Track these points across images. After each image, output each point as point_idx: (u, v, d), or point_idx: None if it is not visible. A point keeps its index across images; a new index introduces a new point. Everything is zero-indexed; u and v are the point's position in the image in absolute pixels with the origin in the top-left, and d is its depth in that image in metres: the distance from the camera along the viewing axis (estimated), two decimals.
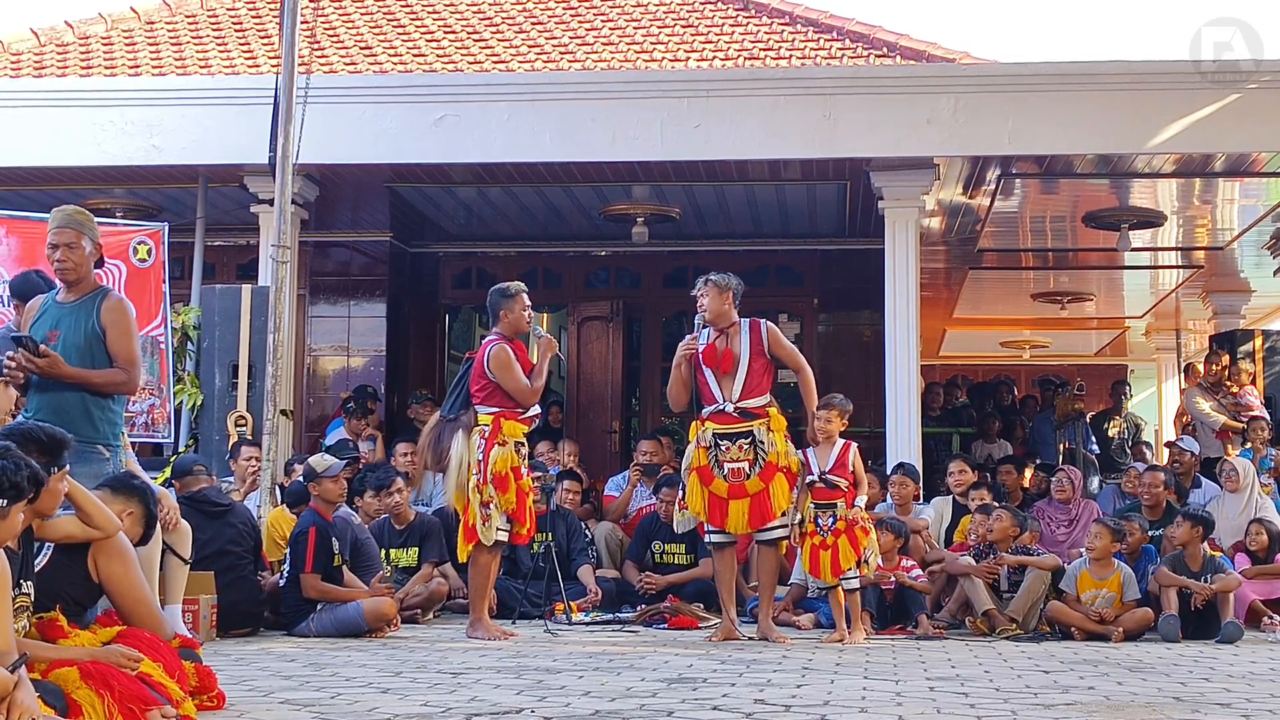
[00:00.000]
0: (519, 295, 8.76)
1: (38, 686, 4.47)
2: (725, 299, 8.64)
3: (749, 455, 8.42)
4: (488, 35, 14.97)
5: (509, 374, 8.50)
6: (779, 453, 8.41)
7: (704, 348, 8.58)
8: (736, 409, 8.48)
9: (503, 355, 8.56)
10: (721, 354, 8.53)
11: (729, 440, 8.46)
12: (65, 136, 11.76)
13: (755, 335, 8.58)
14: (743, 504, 8.43)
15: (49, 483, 4.99)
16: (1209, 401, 14.01)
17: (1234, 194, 12.81)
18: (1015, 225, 14.25)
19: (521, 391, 8.51)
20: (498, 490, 8.39)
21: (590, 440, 14.33)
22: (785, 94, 11.43)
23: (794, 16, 15.06)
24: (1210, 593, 9.15)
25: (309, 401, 14.44)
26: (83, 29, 15.11)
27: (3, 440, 4.97)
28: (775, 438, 8.43)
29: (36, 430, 5.23)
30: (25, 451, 4.91)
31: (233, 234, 13.74)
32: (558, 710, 5.29)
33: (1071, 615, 9.05)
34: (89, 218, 7.02)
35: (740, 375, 8.50)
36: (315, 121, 10.58)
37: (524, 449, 8.63)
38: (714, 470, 8.48)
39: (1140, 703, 5.77)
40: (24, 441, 5.03)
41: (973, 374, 21.71)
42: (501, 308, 8.75)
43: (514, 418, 8.52)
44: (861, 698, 5.78)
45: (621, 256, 15.29)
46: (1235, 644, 8.73)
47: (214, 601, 8.24)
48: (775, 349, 8.59)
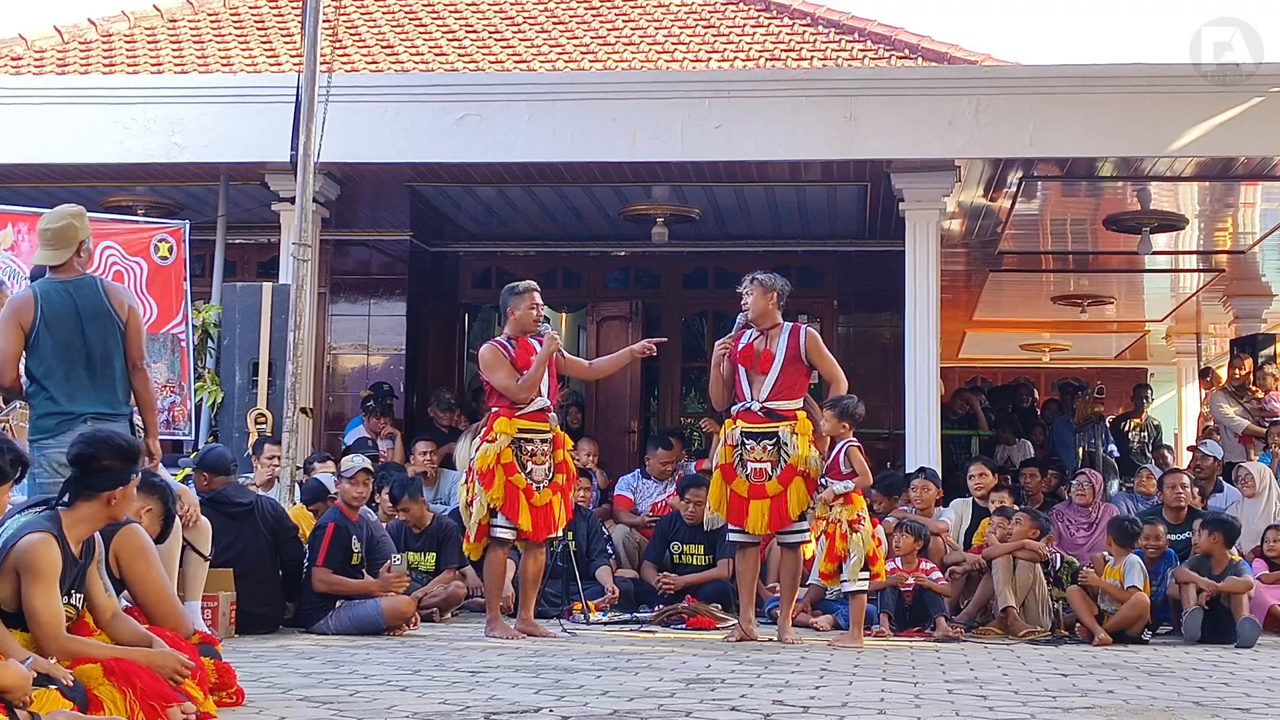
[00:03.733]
0: (528, 294, 8.77)
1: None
2: (769, 299, 8.64)
3: (772, 457, 8.41)
4: (509, 34, 14.98)
5: (492, 373, 8.59)
6: (800, 456, 8.38)
7: (743, 346, 8.59)
8: (762, 409, 8.47)
9: (486, 354, 8.66)
10: (759, 354, 8.53)
11: (754, 440, 8.46)
12: (88, 134, 11.79)
13: (794, 339, 8.57)
14: (762, 505, 8.41)
15: (127, 487, 5.12)
16: (1233, 406, 13.96)
17: (1255, 198, 12.77)
18: (1036, 228, 14.23)
19: (508, 389, 8.52)
20: (483, 486, 8.42)
21: (609, 440, 14.33)
22: (806, 95, 11.41)
23: (816, 18, 15.04)
24: (1215, 589, 9.11)
25: (328, 399, 14.46)
26: (106, 27, 15.15)
27: (87, 442, 5.14)
28: (800, 441, 8.40)
29: (117, 437, 5.28)
30: (104, 456, 5.06)
31: (254, 232, 13.75)
32: (576, 709, 5.30)
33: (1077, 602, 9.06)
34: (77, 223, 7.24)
35: (772, 376, 8.49)
36: (337, 120, 10.61)
37: (532, 445, 8.54)
38: (737, 469, 8.49)
39: (1159, 707, 5.75)
40: (104, 446, 5.14)
41: (992, 377, 21.68)
42: (509, 305, 8.79)
43: (510, 415, 8.52)
44: (880, 700, 5.77)
45: (641, 257, 15.29)
46: (1254, 647, 8.69)
47: (233, 599, 8.25)
48: (812, 356, 8.57)
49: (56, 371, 7.10)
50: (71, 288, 7.17)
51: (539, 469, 8.56)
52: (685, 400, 15.79)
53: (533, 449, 8.55)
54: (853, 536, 8.43)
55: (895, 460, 11.91)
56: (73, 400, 7.04)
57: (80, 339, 7.11)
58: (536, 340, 8.71)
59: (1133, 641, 8.85)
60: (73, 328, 7.12)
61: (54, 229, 7.24)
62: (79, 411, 6.91)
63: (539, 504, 8.51)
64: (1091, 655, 8.08)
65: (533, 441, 8.56)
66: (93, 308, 7.14)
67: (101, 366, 7.13)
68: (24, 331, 7.13)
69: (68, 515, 5.02)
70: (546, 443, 8.61)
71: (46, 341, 7.09)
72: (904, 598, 9.45)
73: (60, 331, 7.10)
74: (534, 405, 8.57)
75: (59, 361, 7.09)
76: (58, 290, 7.17)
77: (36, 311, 7.12)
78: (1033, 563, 9.49)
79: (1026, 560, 9.49)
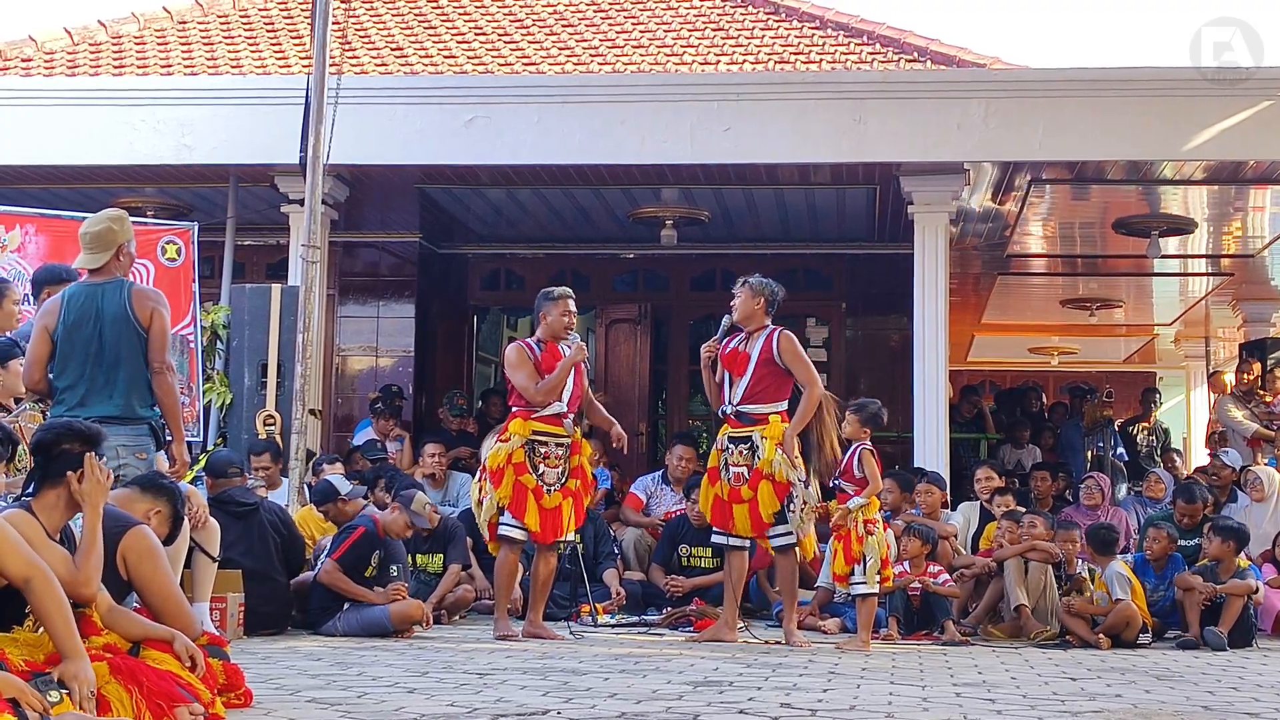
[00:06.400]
0: (562, 300, 8.77)
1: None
2: (756, 303, 8.62)
3: (748, 460, 8.43)
4: (518, 37, 15.00)
5: (515, 371, 8.60)
6: (766, 460, 8.35)
7: (730, 350, 8.60)
8: (735, 412, 8.50)
9: (511, 353, 8.69)
10: (739, 357, 8.55)
11: (734, 444, 8.50)
12: (97, 135, 11.81)
13: (767, 342, 8.53)
14: (742, 509, 8.46)
15: (89, 463, 5.10)
16: (1241, 410, 13.94)
17: (1265, 202, 12.75)
18: (1045, 231, 14.21)
19: (526, 390, 8.53)
20: (492, 485, 8.46)
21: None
22: (815, 98, 11.42)
23: (824, 21, 15.05)
24: (1213, 592, 9.08)
25: (337, 401, 14.47)
26: (115, 28, 15.18)
27: (46, 429, 5.19)
28: (767, 445, 8.38)
29: (76, 422, 5.31)
30: (63, 440, 5.10)
31: (263, 234, 13.76)
32: (584, 712, 5.30)
33: (1070, 621, 9.03)
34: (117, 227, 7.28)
35: (745, 380, 8.50)
36: (346, 122, 10.61)
37: (546, 447, 8.54)
38: (721, 472, 8.53)
39: (1168, 711, 5.74)
40: (64, 431, 5.17)
41: (1000, 380, 21.67)
42: (542, 309, 8.81)
43: (526, 416, 8.54)
44: (888, 703, 5.77)
45: (650, 259, 15.29)
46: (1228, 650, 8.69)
47: (241, 600, 8.26)
48: (786, 358, 8.48)
49: (71, 374, 7.17)
50: (99, 291, 7.24)
51: (551, 471, 8.55)
52: (692, 402, 15.79)
53: (546, 451, 8.56)
54: (869, 540, 8.45)
55: (904, 464, 11.89)
56: (84, 404, 7.07)
57: (98, 342, 7.17)
58: (566, 347, 8.73)
59: (1126, 647, 8.80)
60: (92, 331, 7.17)
61: (93, 232, 7.31)
62: (87, 415, 6.93)
63: (548, 506, 8.51)
64: (1100, 659, 8.06)
65: (547, 444, 8.57)
66: (113, 311, 7.19)
67: (111, 370, 7.15)
68: (49, 334, 7.21)
69: (38, 503, 5.06)
70: (562, 446, 8.61)
71: (66, 345, 7.20)
72: (912, 601, 9.44)
73: (80, 335, 7.17)
74: (550, 409, 8.58)
75: (75, 364, 7.17)
76: (86, 293, 7.26)
77: (60, 315, 7.19)
78: (1044, 564, 9.48)
79: (1038, 561, 9.48)
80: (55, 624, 4.61)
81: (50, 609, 4.62)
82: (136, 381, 7.20)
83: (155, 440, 7.28)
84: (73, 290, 7.34)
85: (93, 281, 7.31)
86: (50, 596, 4.64)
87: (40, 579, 4.63)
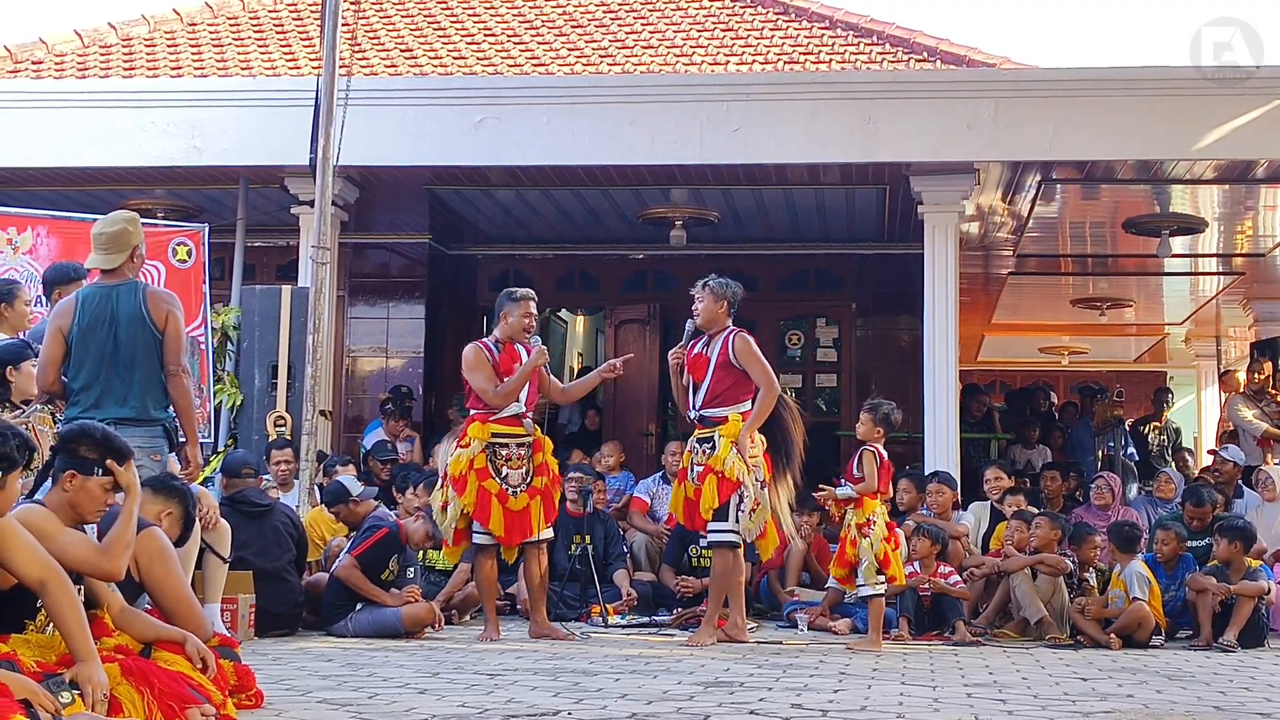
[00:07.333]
0: (524, 301, 8.69)
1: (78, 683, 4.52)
2: (720, 306, 8.62)
3: (707, 459, 8.45)
4: (527, 38, 15.01)
5: (473, 373, 8.54)
6: (718, 459, 8.34)
7: (695, 354, 8.60)
8: (698, 416, 8.52)
9: (469, 354, 8.62)
10: (700, 361, 8.55)
11: (699, 445, 8.52)
12: (107, 137, 11.83)
13: (724, 344, 8.52)
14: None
15: (88, 479, 5.06)
16: (1252, 409, 13.92)
17: (1275, 201, 12.73)
18: (1055, 230, 14.20)
19: (484, 393, 8.48)
20: (455, 492, 8.43)
21: (626, 443, 14.30)
22: (825, 98, 11.41)
23: (834, 21, 15.04)
24: (1227, 592, 9.06)
25: (347, 402, 14.49)
26: (125, 30, 15.21)
27: (76, 425, 5.19)
28: (723, 444, 8.37)
29: (109, 432, 5.28)
30: (83, 442, 5.07)
31: (273, 235, 13.79)
32: (594, 713, 5.30)
33: (1083, 621, 9.02)
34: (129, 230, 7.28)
35: (705, 383, 8.50)
36: (355, 123, 10.63)
37: (507, 450, 8.49)
38: (690, 473, 8.54)
39: (1179, 712, 5.73)
40: (86, 434, 5.15)
41: (1011, 380, 21.64)
42: (503, 309, 8.72)
43: (485, 419, 8.49)
44: (899, 704, 5.76)
45: (659, 260, 15.28)
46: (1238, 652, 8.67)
47: (252, 601, 8.26)
48: (742, 359, 8.45)
49: (86, 376, 7.18)
50: (114, 293, 7.25)
51: (515, 473, 8.50)
52: None
53: (508, 453, 8.51)
54: (861, 542, 8.42)
55: (914, 464, 11.88)
56: (99, 406, 7.08)
57: (113, 344, 7.18)
58: (525, 349, 8.67)
59: (1137, 648, 8.79)
60: (106, 333, 7.18)
61: (108, 233, 7.32)
62: (101, 417, 6.93)
63: (515, 508, 8.45)
64: (1111, 659, 8.05)
65: (508, 446, 8.52)
66: (128, 313, 7.20)
67: (126, 372, 7.17)
68: (64, 336, 7.22)
69: (48, 501, 5.05)
70: (524, 447, 8.57)
71: (80, 346, 7.21)
72: (923, 602, 9.43)
73: (94, 336, 7.18)
74: (509, 410, 8.52)
75: (90, 366, 7.17)
76: (100, 295, 7.26)
77: (75, 316, 7.20)
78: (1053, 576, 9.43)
79: (1048, 575, 9.43)
80: (69, 627, 4.62)
81: (65, 612, 4.63)
82: (151, 383, 7.21)
83: (169, 442, 7.29)
84: (87, 292, 7.35)
85: (107, 283, 7.31)
86: (65, 599, 4.64)
87: (55, 581, 4.64)
